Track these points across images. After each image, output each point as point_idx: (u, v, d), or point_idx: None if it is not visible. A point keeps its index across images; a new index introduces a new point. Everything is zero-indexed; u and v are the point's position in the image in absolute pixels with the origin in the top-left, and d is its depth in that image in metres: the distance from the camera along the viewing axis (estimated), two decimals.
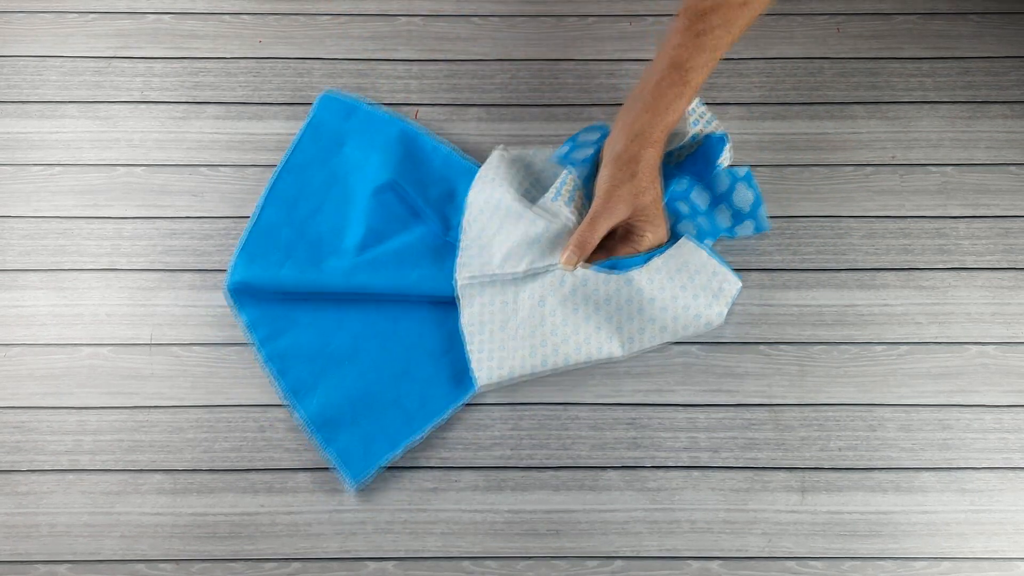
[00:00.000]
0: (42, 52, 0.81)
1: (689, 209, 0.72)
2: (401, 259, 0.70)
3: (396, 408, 0.67)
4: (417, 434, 0.66)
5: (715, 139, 0.72)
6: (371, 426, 0.66)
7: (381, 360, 0.69)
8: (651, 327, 0.67)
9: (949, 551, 0.64)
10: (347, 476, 0.64)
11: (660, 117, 0.65)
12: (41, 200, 0.75)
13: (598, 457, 0.67)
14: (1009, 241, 0.74)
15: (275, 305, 0.70)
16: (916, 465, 0.66)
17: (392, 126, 0.77)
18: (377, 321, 0.70)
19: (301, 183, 0.75)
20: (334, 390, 0.67)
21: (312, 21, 0.83)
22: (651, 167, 0.66)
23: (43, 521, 0.65)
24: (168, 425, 0.67)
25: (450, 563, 0.64)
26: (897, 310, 0.71)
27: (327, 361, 0.68)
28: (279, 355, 0.68)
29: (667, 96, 0.64)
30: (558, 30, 0.83)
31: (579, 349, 0.66)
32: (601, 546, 0.64)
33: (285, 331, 0.69)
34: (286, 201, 0.74)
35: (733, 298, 0.67)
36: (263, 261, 0.71)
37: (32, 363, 0.69)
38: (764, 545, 0.64)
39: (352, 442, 0.65)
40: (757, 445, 0.67)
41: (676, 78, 0.64)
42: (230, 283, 0.70)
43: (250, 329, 0.69)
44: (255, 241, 0.72)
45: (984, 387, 0.69)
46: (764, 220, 0.72)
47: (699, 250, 0.68)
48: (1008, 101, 0.79)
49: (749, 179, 0.72)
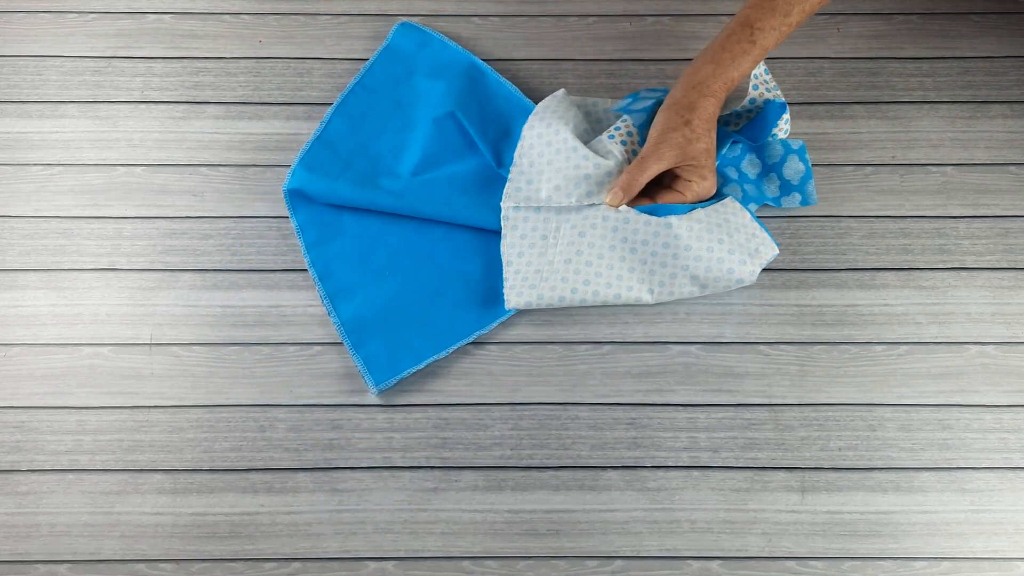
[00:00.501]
0: (42, 52, 0.81)
1: (738, 175, 0.73)
2: (452, 185, 0.73)
3: (426, 324, 0.70)
4: (442, 351, 0.69)
5: (775, 106, 0.73)
6: (399, 338, 0.69)
7: (418, 278, 0.72)
8: (683, 275, 0.67)
9: (949, 551, 0.64)
10: (371, 380, 0.67)
11: (722, 70, 0.66)
12: (41, 200, 0.75)
13: (598, 457, 0.67)
14: (1009, 241, 0.74)
15: (325, 212, 0.74)
16: (916, 465, 0.66)
17: (462, 59, 0.80)
18: (418, 241, 0.73)
19: (370, 102, 0.78)
20: (370, 299, 0.71)
21: (312, 21, 0.83)
22: (707, 117, 0.67)
23: (43, 521, 0.65)
24: (168, 425, 0.67)
25: (450, 563, 0.64)
26: (897, 310, 0.71)
27: (367, 271, 0.72)
28: (323, 259, 0.72)
29: (732, 51, 0.66)
30: (558, 30, 0.83)
31: (610, 286, 0.68)
32: (601, 546, 0.64)
33: (332, 238, 0.73)
34: (353, 117, 0.77)
35: (768, 260, 0.68)
36: (322, 170, 0.74)
37: (32, 363, 0.69)
38: (764, 545, 0.64)
39: (379, 349, 0.69)
40: (757, 445, 0.67)
41: (744, 35, 0.66)
42: (288, 186, 0.73)
43: (300, 232, 0.73)
44: (318, 150, 0.75)
45: (984, 387, 0.69)
46: (812, 194, 0.73)
47: (743, 211, 0.69)
48: (1008, 101, 0.79)
49: (803, 152, 0.73)
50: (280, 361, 0.69)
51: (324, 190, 0.73)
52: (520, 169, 0.72)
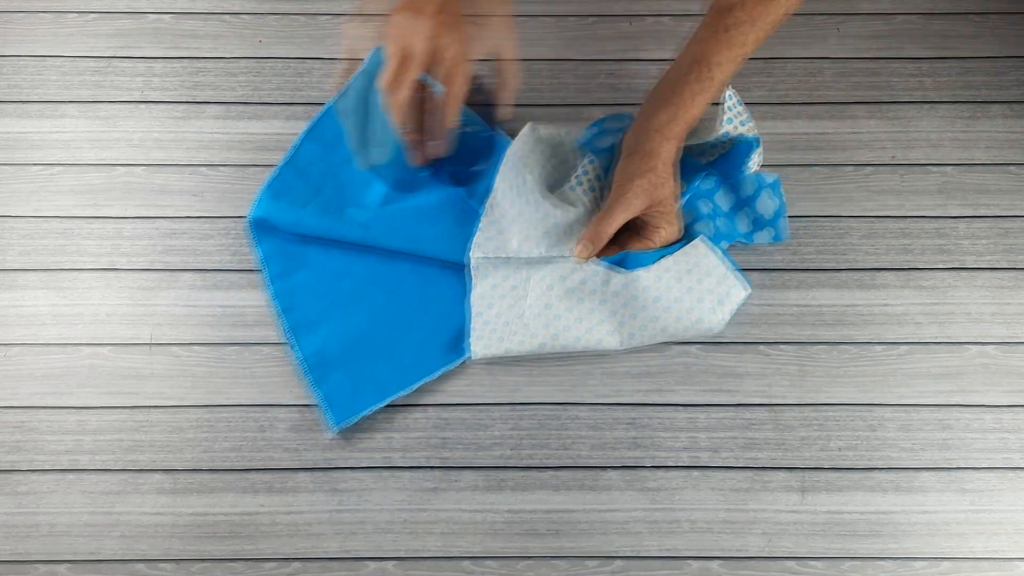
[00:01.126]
0: (42, 52, 0.81)
1: (711, 209, 0.72)
2: (421, 217, 0.72)
3: (390, 360, 0.68)
4: (406, 388, 0.67)
5: (746, 142, 0.72)
6: (363, 373, 0.68)
7: (383, 312, 0.70)
8: (652, 325, 0.67)
9: (949, 551, 0.64)
10: (331, 418, 0.66)
11: (682, 112, 0.64)
12: (41, 200, 0.75)
13: (598, 457, 0.67)
14: (1009, 241, 0.74)
15: (290, 243, 0.72)
16: (916, 465, 0.66)
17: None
18: (385, 273, 0.71)
19: (342, 128, 0.76)
20: (333, 333, 0.69)
21: (312, 21, 0.83)
22: (669, 161, 0.66)
23: (43, 521, 0.65)
24: (168, 425, 0.67)
25: (450, 563, 0.64)
26: (897, 310, 0.71)
27: (331, 304, 0.70)
28: (287, 292, 0.70)
29: (691, 90, 0.64)
30: (558, 30, 0.83)
31: (579, 339, 0.67)
32: (601, 546, 0.64)
33: (296, 269, 0.71)
34: (325, 141, 0.76)
35: (738, 305, 0.68)
36: (289, 196, 0.72)
37: (32, 363, 0.69)
38: (764, 545, 0.64)
39: (342, 385, 0.67)
40: (757, 445, 0.67)
41: (701, 72, 0.64)
42: (252, 216, 0.72)
43: (264, 263, 0.71)
44: (287, 175, 0.74)
45: (984, 387, 0.69)
46: (784, 230, 0.71)
47: (711, 253, 0.68)
48: (1008, 101, 0.79)
49: (776, 187, 0.72)
50: (280, 361, 0.69)
51: (290, 219, 0.71)
52: (491, 219, 0.71)
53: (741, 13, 0.62)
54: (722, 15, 0.62)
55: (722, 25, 0.62)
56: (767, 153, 0.77)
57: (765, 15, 0.62)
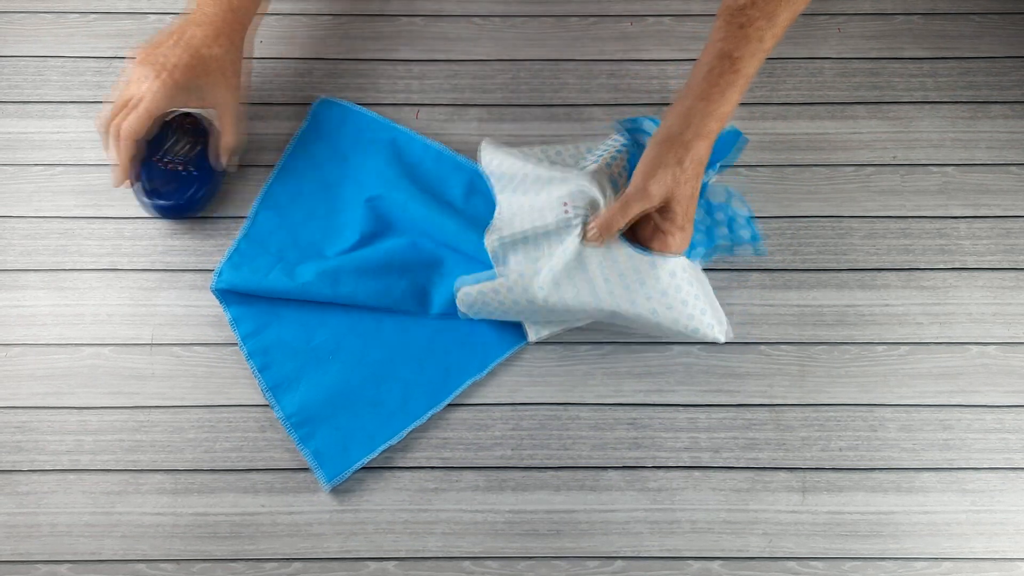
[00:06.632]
0: (43, 52, 0.81)
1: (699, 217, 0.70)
2: (389, 267, 0.70)
3: (376, 409, 0.67)
4: (396, 435, 0.66)
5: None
6: (349, 425, 0.66)
7: (363, 360, 0.69)
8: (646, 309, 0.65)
9: (950, 551, 0.64)
10: (322, 477, 0.65)
11: (714, 106, 0.62)
12: (42, 200, 0.75)
13: (599, 457, 0.67)
14: (1010, 241, 0.73)
15: (260, 301, 0.70)
16: (917, 465, 0.66)
17: (385, 131, 0.77)
18: (361, 321, 0.70)
19: (297, 187, 0.75)
20: (314, 388, 0.67)
21: (312, 21, 0.83)
22: (699, 160, 0.63)
23: (44, 521, 0.65)
24: (169, 425, 0.67)
25: (451, 563, 0.64)
26: (898, 310, 0.71)
27: (309, 358, 0.68)
28: (262, 350, 0.68)
29: (719, 85, 0.62)
30: (559, 30, 0.83)
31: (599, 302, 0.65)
32: (602, 546, 0.64)
33: (268, 326, 0.69)
34: (280, 206, 0.74)
35: (727, 335, 0.67)
36: (251, 266, 0.70)
37: (33, 363, 0.69)
38: (765, 545, 0.64)
39: (330, 441, 0.66)
40: (758, 445, 0.67)
41: (725, 67, 0.62)
42: (214, 287, 0.70)
43: (234, 324, 0.69)
44: (245, 248, 0.72)
45: (985, 387, 0.69)
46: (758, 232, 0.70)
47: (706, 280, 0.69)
48: (1009, 101, 0.79)
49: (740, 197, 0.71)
50: None
51: (254, 287, 0.69)
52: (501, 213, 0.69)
53: (753, 11, 0.62)
54: (735, 14, 0.62)
55: (738, 22, 0.62)
56: (769, 153, 0.77)
57: (779, 11, 0.61)
